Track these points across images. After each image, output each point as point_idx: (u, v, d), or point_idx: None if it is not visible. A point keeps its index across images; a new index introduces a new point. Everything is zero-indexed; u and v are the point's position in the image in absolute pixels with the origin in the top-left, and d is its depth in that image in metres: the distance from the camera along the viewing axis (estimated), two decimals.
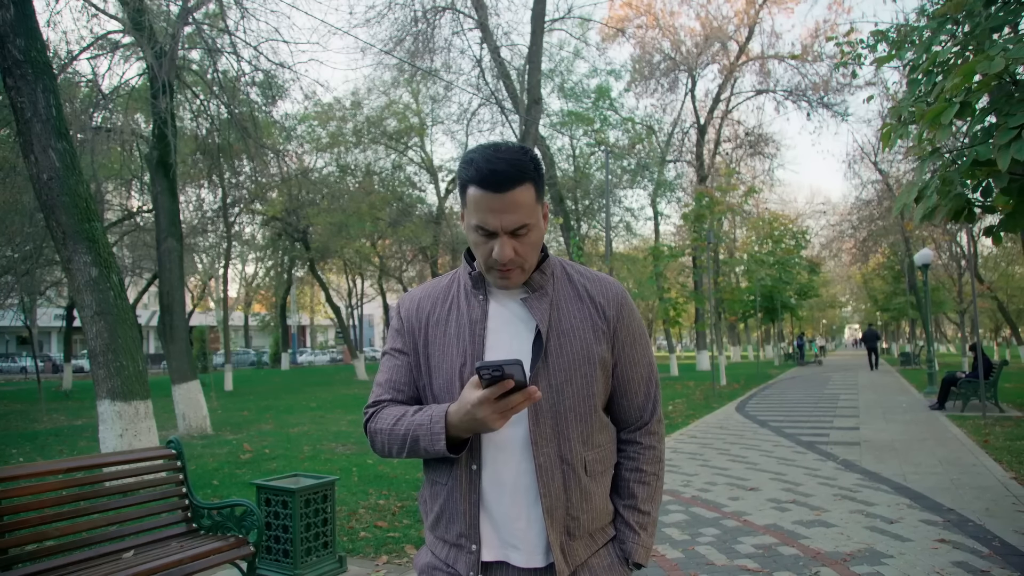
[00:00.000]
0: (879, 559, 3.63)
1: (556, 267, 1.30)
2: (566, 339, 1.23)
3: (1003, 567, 3.46)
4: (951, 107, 2.83)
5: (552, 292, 1.25)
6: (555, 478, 1.19)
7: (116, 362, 5.92)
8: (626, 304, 1.29)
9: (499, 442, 1.21)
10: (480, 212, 1.17)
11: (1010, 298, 31.01)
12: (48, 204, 5.88)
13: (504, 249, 1.17)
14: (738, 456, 7.02)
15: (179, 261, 10.11)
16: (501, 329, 1.24)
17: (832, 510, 4.68)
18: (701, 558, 3.73)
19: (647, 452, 1.30)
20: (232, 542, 3.22)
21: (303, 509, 3.54)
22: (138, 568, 2.83)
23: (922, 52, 3.47)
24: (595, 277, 1.32)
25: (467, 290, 1.28)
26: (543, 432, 1.20)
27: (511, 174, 1.15)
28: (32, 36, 5.91)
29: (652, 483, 1.30)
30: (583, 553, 1.24)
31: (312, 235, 21.54)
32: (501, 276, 1.21)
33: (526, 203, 1.17)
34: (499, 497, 1.21)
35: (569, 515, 1.21)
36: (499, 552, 1.22)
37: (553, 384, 1.21)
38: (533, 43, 13.14)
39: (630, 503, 1.29)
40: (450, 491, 1.24)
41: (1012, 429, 8.42)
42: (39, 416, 12.67)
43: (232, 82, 11.41)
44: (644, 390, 1.31)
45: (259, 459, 7.39)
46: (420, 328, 1.29)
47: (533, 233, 1.20)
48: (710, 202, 18.27)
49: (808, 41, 24.36)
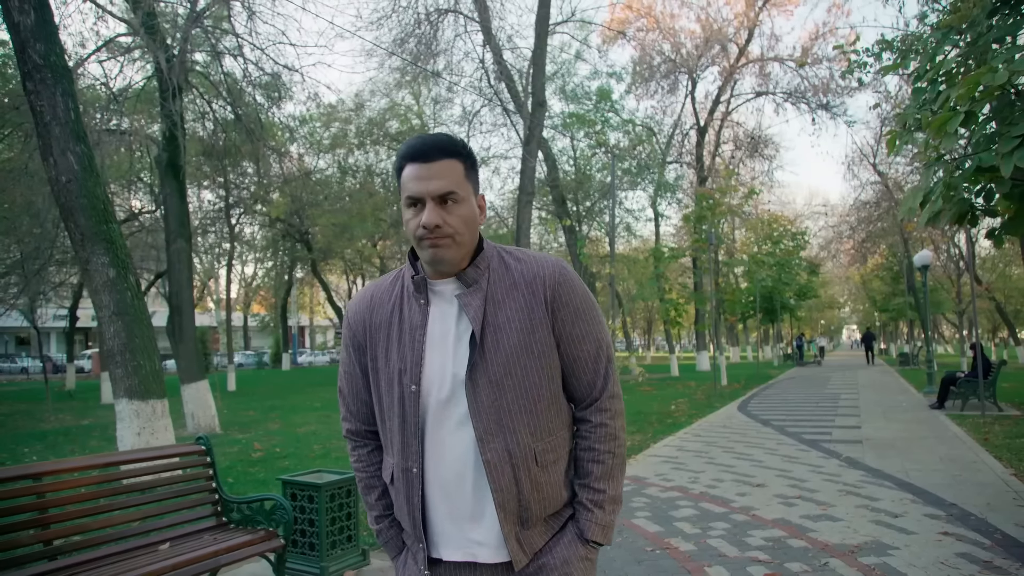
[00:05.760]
0: (885, 551, 3.75)
1: (493, 258, 1.28)
2: (502, 333, 1.22)
3: (1005, 557, 3.58)
4: (956, 116, 2.96)
5: (487, 285, 1.25)
6: (504, 473, 1.20)
7: (133, 361, 6.02)
8: (564, 281, 1.26)
9: (446, 444, 1.23)
10: (408, 183, 1.21)
11: (1008, 299, 31.21)
12: (67, 206, 5.99)
13: (430, 215, 1.18)
14: (743, 454, 7.14)
15: (188, 262, 10.23)
16: (440, 332, 1.25)
17: (838, 505, 4.80)
18: (713, 550, 3.85)
19: (598, 430, 1.29)
20: (262, 535, 3.33)
21: (328, 504, 3.65)
22: (175, 559, 2.93)
23: (927, 61, 3.60)
24: (530, 259, 1.29)
25: (409, 293, 1.29)
26: (488, 428, 1.20)
27: (437, 146, 1.21)
28: (51, 41, 6.01)
29: (607, 461, 1.28)
30: (540, 540, 1.26)
31: (315, 236, 21.64)
32: (431, 245, 1.20)
33: (452, 173, 1.20)
34: (455, 496, 1.23)
35: (522, 506, 1.22)
36: (466, 552, 1.24)
37: (493, 380, 1.21)
38: (537, 47, 13.27)
39: (584, 482, 1.29)
40: (396, 493, 1.30)
41: (1011, 427, 8.55)
42: (45, 416, 12.75)
43: (238, 84, 11.52)
44: (592, 367, 1.28)
45: (271, 457, 7.49)
46: (365, 337, 1.33)
47: (463, 207, 1.21)
48: (711, 204, 18.41)
49: (808, 44, 24.51)
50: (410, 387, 1.24)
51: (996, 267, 31.95)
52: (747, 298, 24.91)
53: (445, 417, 1.23)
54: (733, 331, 38.84)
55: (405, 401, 1.24)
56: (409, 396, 1.24)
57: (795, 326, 40.53)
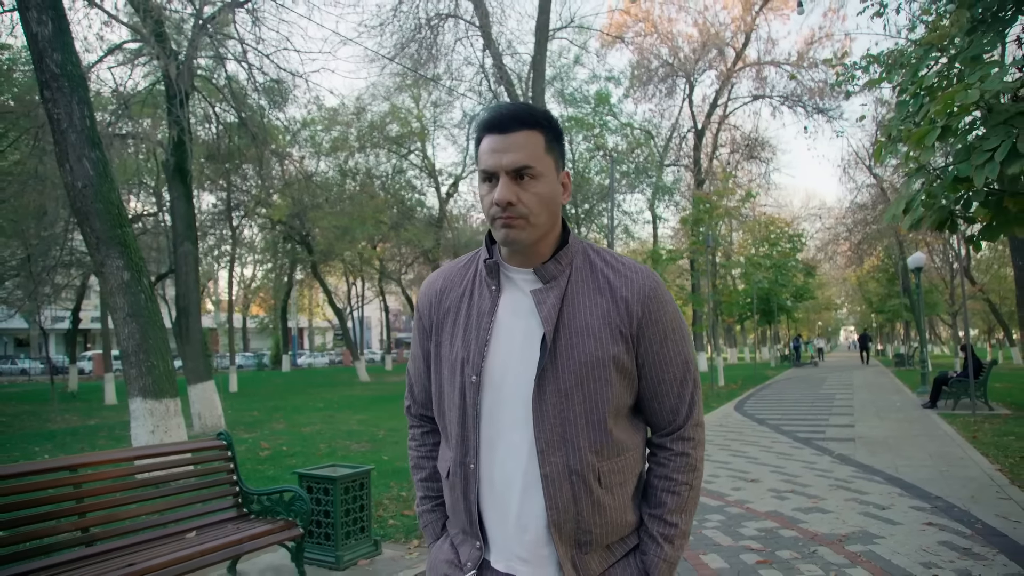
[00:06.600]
0: (872, 539, 3.96)
1: (578, 255, 1.20)
2: (578, 338, 1.13)
3: (984, 545, 3.79)
4: (934, 130, 3.17)
5: (567, 284, 1.16)
6: (563, 490, 1.12)
7: (147, 362, 6.19)
8: (655, 297, 1.17)
9: (498, 446, 1.16)
10: (483, 156, 1.13)
11: (1003, 300, 31.47)
12: (82, 211, 6.16)
13: (503, 190, 1.10)
14: (738, 451, 7.35)
15: (195, 264, 10.41)
16: (509, 324, 1.17)
17: (828, 498, 5.01)
18: (709, 540, 4.05)
19: (678, 459, 1.19)
20: (281, 524, 3.52)
21: (343, 496, 3.84)
22: (203, 546, 3.13)
23: (910, 76, 3.82)
24: (621, 265, 1.19)
25: (481, 277, 1.22)
26: (549, 440, 1.12)
27: (515, 115, 1.12)
28: (68, 50, 6.19)
29: (683, 493, 1.19)
30: (597, 566, 1.16)
31: (315, 238, 21.83)
32: (503, 225, 1.11)
33: (530, 146, 1.11)
34: (500, 503, 1.16)
35: (580, 528, 1.13)
36: (507, 564, 1.17)
37: (561, 389, 1.12)
38: (537, 53, 13.49)
39: (656, 512, 1.19)
40: (452, 488, 1.22)
41: (1000, 426, 8.77)
42: (51, 416, 12.91)
43: (243, 88, 11.72)
44: (677, 391, 1.19)
45: (278, 456, 7.67)
46: (432, 321, 1.27)
47: (540, 184, 1.12)
48: (708, 207, 18.64)
49: (804, 48, 24.78)
50: (471, 377, 1.16)
51: (991, 268, 32.22)
52: (744, 300, 25.16)
53: (502, 417, 1.16)
54: (730, 332, 39.10)
55: (466, 392, 1.17)
56: (470, 387, 1.16)
57: (792, 327, 40.81)
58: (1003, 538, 3.92)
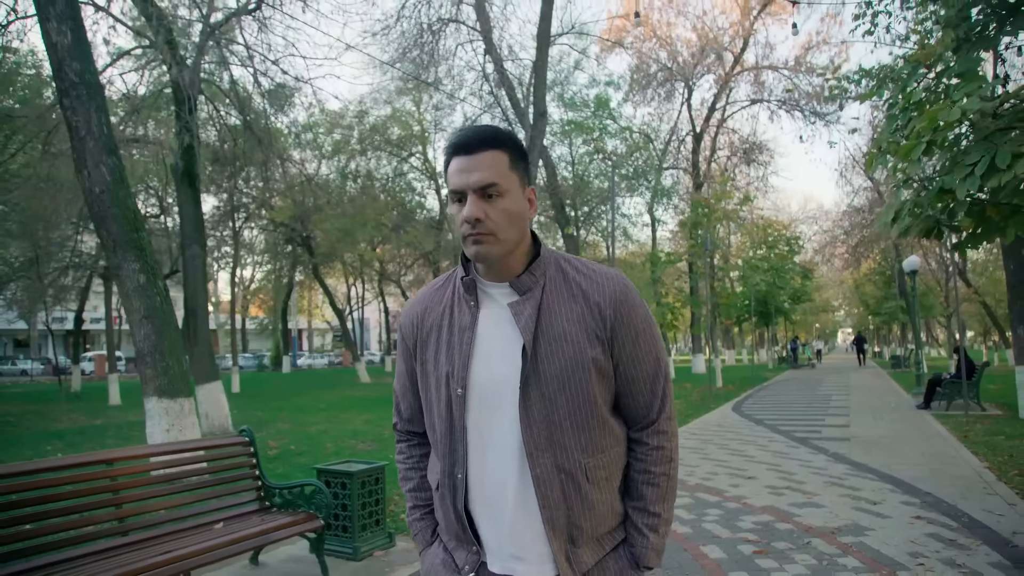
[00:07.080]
0: (862, 531, 4.16)
1: (550, 266, 1.25)
2: (557, 345, 1.18)
3: (969, 536, 4.00)
4: (919, 145, 3.38)
5: (541, 294, 1.21)
6: (553, 488, 1.18)
7: (162, 362, 6.37)
8: (626, 300, 1.22)
9: (488, 453, 1.21)
10: (451, 177, 1.18)
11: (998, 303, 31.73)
12: (99, 215, 6.35)
13: (471, 208, 1.15)
14: (736, 450, 7.54)
15: (203, 267, 10.57)
16: (490, 337, 1.22)
17: (822, 494, 5.21)
18: (707, 532, 4.25)
19: (655, 453, 1.25)
20: (303, 517, 3.70)
21: (360, 490, 4.03)
22: (231, 536, 3.31)
23: (898, 92, 4.03)
24: (592, 272, 1.25)
25: (460, 295, 1.26)
26: (538, 442, 1.17)
27: (480, 136, 1.18)
28: (86, 59, 6.37)
29: (662, 484, 1.26)
30: (590, 559, 1.22)
31: (317, 240, 22.01)
32: (474, 241, 1.17)
33: (496, 165, 1.16)
34: (495, 507, 1.21)
35: (571, 523, 1.19)
36: (503, 565, 1.22)
37: (545, 393, 1.17)
38: (538, 59, 13.70)
39: (639, 504, 1.26)
40: (442, 498, 1.27)
41: (991, 426, 8.98)
42: (58, 416, 13.06)
43: (248, 92, 11.89)
44: (650, 388, 1.25)
45: (287, 455, 7.84)
46: (416, 340, 1.31)
47: (507, 200, 1.17)
48: (707, 210, 18.85)
49: (801, 54, 25.04)
50: (456, 390, 1.21)
51: (986, 271, 32.49)
52: (742, 302, 25.38)
53: (490, 425, 1.21)
54: (728, 334, 39.33)
55: (452, 405, 1.22)
56: (456, 400, 1.22)
57: (790, 329, 41.05)
58: (987, 530, 4.12)
